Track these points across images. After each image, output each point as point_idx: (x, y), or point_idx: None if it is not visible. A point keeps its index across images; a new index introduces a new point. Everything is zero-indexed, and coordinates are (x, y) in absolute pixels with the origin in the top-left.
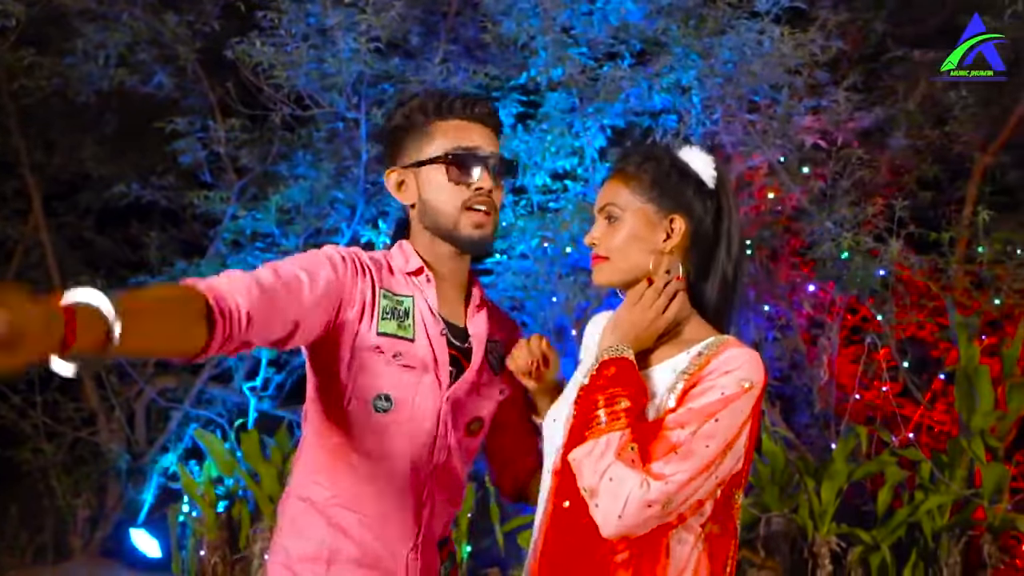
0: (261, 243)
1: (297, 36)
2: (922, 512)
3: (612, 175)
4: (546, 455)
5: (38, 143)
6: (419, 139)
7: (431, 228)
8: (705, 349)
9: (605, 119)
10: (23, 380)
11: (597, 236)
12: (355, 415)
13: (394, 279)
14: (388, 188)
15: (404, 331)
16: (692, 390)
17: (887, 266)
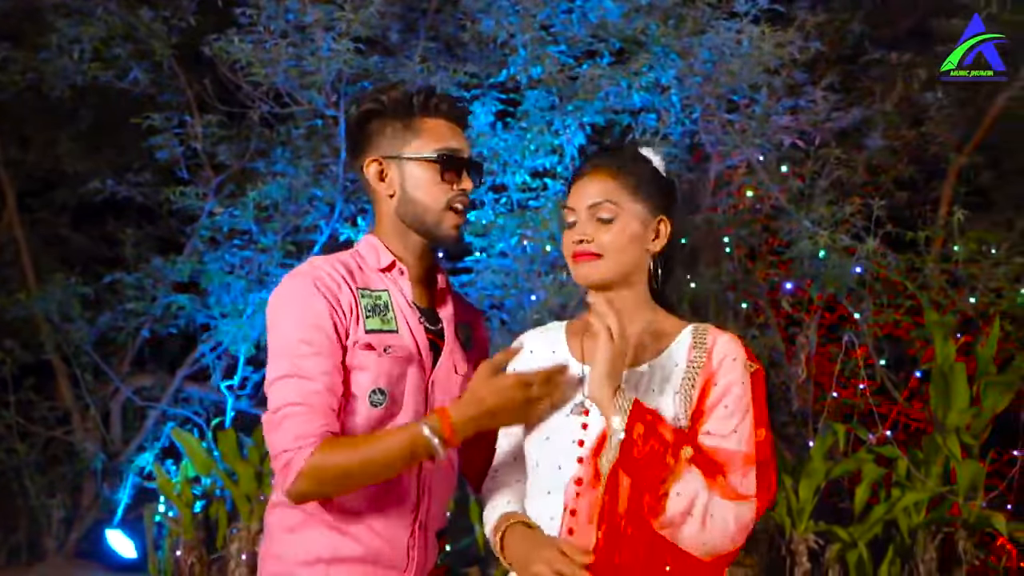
0: (239, 240)
1: (276, 33)
2: (899, 509)
3: (598, 172)
4: (543, 476)
5: (12, 139)
6: (403, 132)
7: (410, 222)
8: (695, 339)
9: (584, 117)
10: None
11: (590, 233)
12: (353, 414)
13: (368, 276)
14: (366, 176)
15: (387, 324)
16: (712, 388)
17: (864, 264)
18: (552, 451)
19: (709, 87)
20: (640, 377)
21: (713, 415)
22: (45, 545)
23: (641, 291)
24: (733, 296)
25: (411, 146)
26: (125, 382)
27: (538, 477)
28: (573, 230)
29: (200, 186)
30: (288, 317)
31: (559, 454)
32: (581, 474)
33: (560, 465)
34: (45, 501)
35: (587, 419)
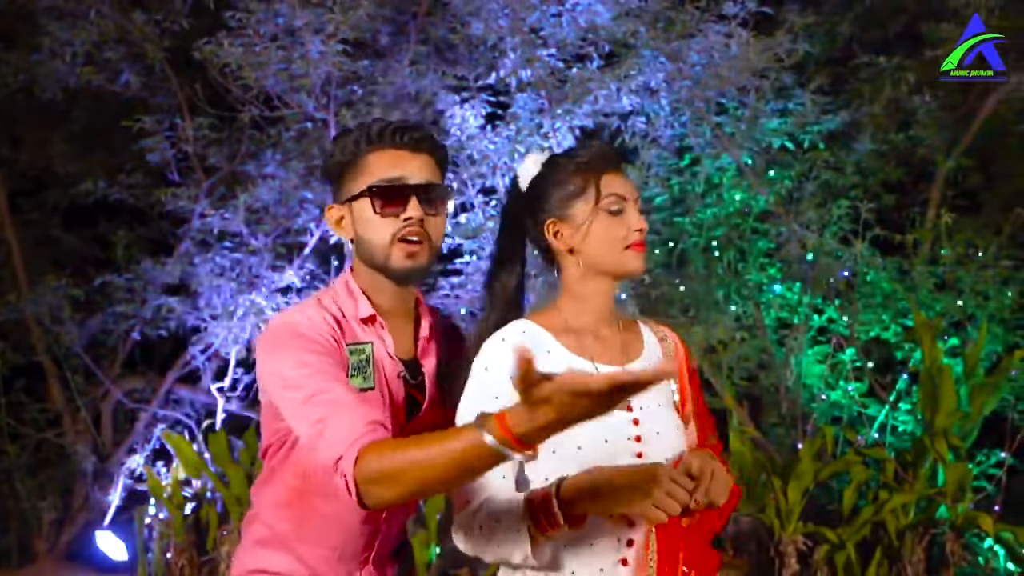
0: (229, 242)
1: (266, 37)
2: (886, 511)
3: (621, 167)
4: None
5: (4, 139)
6: (353, 172)
7: (367, 262)
8: (656, 333)
9: (574, 120)
10: None
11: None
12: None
13: (352, 327)
14: (328, 225)
15: (367, 382)
16: (686, 380)
17: (851, 267)
18: (611, 452)
19: (698, 90)
20: (644, 369)
21: (693, 396)
22: (36, 547)
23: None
24: (722, 298)
25: (352, 185)
26: (116, 384)
27: None
28: (628, 216)
29: (191, 188)
30: (291, 341)
31: (619, 454)
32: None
33: (621, 464)
34: (36, 503)
35: (634, 414)
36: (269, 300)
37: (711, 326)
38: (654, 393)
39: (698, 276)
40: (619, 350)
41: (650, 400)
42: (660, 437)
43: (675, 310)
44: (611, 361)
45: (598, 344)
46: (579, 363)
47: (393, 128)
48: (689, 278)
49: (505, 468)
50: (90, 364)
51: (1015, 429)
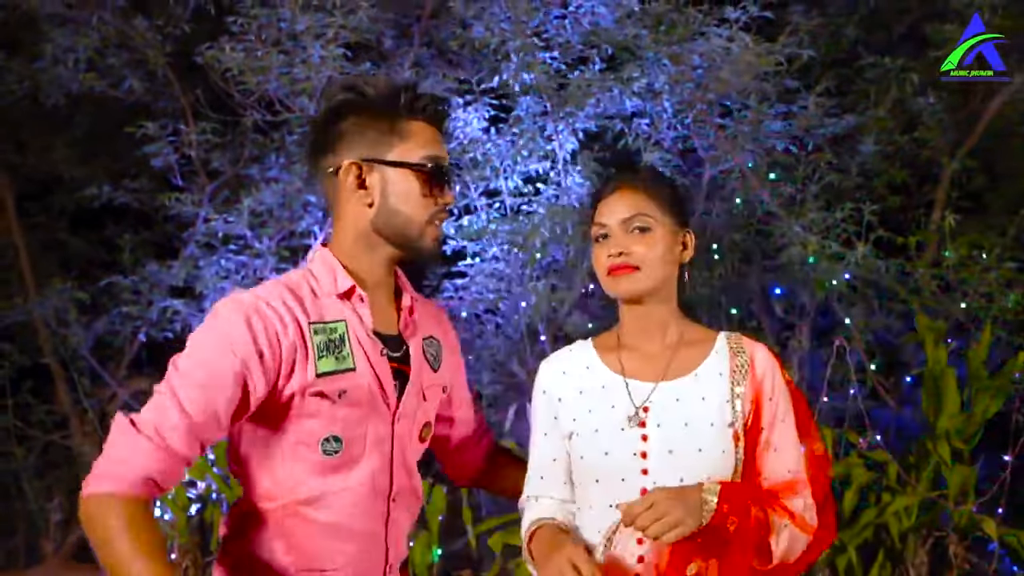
0: (234, 245)
1: (267, 41)
2: (888, 514)
3: (626, 189)
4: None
5: (10, 145)
6: (387, 134)
7: (388, 234)
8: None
9: (577, 123)
10: None
11: (627, 245)
12: (303, 465)
13: (322, 303)
14: (339, 180)
15: (343, 362)
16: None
17: (853, 270)
18: (614, 466)
19: (700, 93)
20: (689, 386)
21: (774, 430)
22: (42, 548)
23: (672, 303)
24: (725, 300)
25: (396, 151)
26: (122, 386)
27: (601, 493)
28: (607, 244)
29: (195, 193)
30: (206, 338)
31: (622, 469)
32: (647, 485)
33: (624, 478)
34: (43, 505)
35: (646, 430)
36: None
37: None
38: (687, 408)
39: (701, 278)
40: (664, 366)
41: (674, 416)
42: (673, 456)
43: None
44: (649, 378)
45: (640, 361)
46: (612, 378)
47: (436, 101)
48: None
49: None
50: (96, 366)
51: (1019, 432)
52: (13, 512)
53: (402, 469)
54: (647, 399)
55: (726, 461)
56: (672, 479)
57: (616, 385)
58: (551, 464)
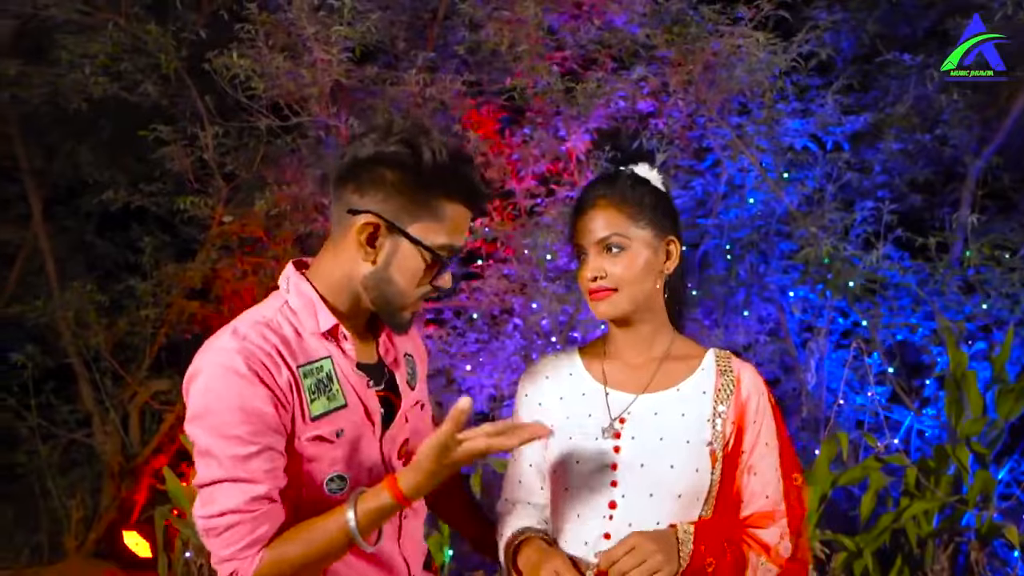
0: (251, 248)
1: (276, 47)
2: (907, 518)
3: (599, 205)
4: (575, 500)
5: (38, 150)
6: (420, 207)
7: (373, 295)
8: (719, 365)
9: (590, 123)
10: (18, 383)
11: (603, 268)
12: (308, 503)
13: (306, 344)
14: (350, 230)
15: (335, 400)
16: (750, 423)
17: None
18: (583, 475)
19: (715, 92)
20: (670, 400)
21: (755, 453)
22: (65, 544)
23: (660, 315)
24: (743, 300)
25: (420, 225)
26: (143, 386)
27: (570, 501)
28: (584, 267)
29: (211, 195)
30: (221, 406)
31: (591, 478)
32: (615, 497)
33: (593, 488)
34: (65, 502)
35: (619, 442)
36: None
37: (732, 328)
38: (665, 422)
39: (719, 278)
40: (647, 379)
41: (650, 429)
42: (644, 470)
43: (695, 312)
44: (631, 389)
45: (624, 371)
46: (593, 386)
47: (481, 192)
48: (710, 280)
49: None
50: (116, 367)
51: None
52: (37, 509)
53: None
54: (625, 410)
55: (699, 480)
56: (641, 493)
57: (596, 394)
58: (528, 469)
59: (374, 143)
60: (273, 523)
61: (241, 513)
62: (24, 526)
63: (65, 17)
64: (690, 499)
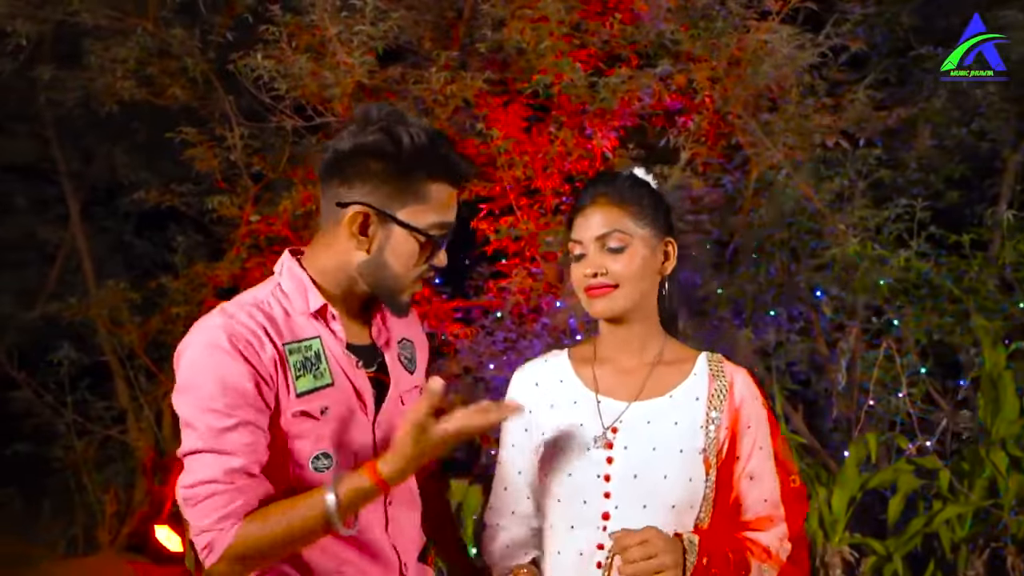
0: (279, 246)
1: (299, 48)
2: (939, 522)
3: (600, 202)
4: (567, 512)
5: (75, 152)
6: (405, 192)
7: (369, 281)
8: (712, 370)
9: (616, 120)
10: (55, 380)
11: (603, 264)
12: (295, 480)
13: (293, 323)
14: (344, 217)
15: (321, 378)
16: (745, 429)
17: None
18: (576, 487)
19: (742, 88)
20: (663, 408)
21: (752, 459)
22: (99, 538)
23: (653, 317)
24: (772, 298)
25: (408, 210)
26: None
27: (562, 512)
28: (583, 263)
29: (238, 195)
30: (202, 380)
31: (584, 490)
32: (609, 508)
33: (585, 500)
34: (100, 496)
35: (611, 452)
36: None
37: (761, 328)
38: (657, 431)
39: (748, 276)
40: (639, 385)
41: (643, 439)
42: (637, 481)
43: (726, 311)
44: (623, 397)
45: (616, 377)
46: (584, 393)
47: (463, 165)
48: (739, 279)
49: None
50: (149, 364)
51: None
52: (73, 503)
53: None
54: (617, 419)
55: (693, 489)
56: (634, 504)
57: (588, 402)
58: (516, 477)
59: (353, 135)
60: (249, 497)
61: (217, 483)
62: (61, 519)
63: (95, 22)
64: (684, 508)
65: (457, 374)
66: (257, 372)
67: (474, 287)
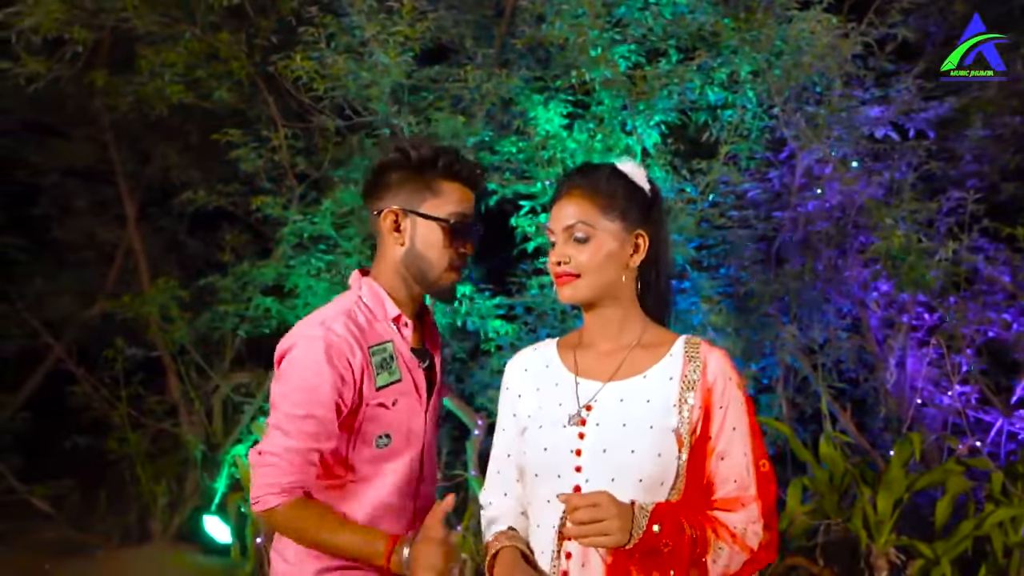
0: (323, 245)
1: (339, 48)
2: (990, 525)
3: (573, 194)
4: (544, 486)
5: (131, 155)
6: (423, 190)
7: (412, 273)
8: (687, 352)
9: (658, 115)
10: (110, 375)
11: (568, 253)
12: (360, 456)
13: (375, 329)
14: (380, 225)
15: (393, 375)
16: (716, 409)
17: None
18: (551, 462)
19: (784, 81)
20: (636, 387)
21: (722, 437)
22: (152, 528)
23: (629, 305)
24: (818, 294)
25: (428, 204)
26: (225, 379)
27: (539, 487)
28: (552, 251)
29: (283, 195)
30: (295, 376)
31: (558, 465)
32: (580, 482)
33: (560, 474)
34: (152, 488)
35: (583, 428)
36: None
37: (808, 324)
38: (629, 409)
39: (795, 273)
40: (616, 366)
41: (614, 416)
42: (606, 456)
43: (766, 306)
44: (599, 377)
45: (594, 359)
46: (565, 376)
47: (470, 166)
48: (786, 275)
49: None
50: (199, 360)
51: None
52: (127, 494)
53: (429, 456)
54: (592, 398)
55: (663, 465)
56: (604, 477)
57: (567, 383)
58: (506, 460)
59: (377, 160)
60: (300, 477)
61: (277, 456)
62: (115, 510)
63: (146, 28)
64: (653, 483)
65: (496, 370)
66: (342, 378)
67: (516, 284)
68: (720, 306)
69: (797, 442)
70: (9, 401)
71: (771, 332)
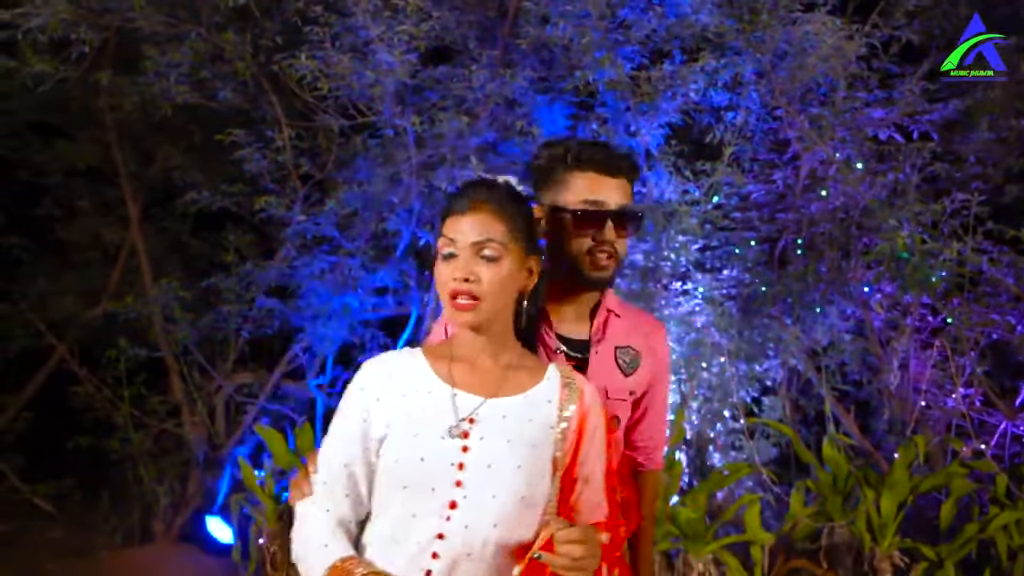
0: (327, 245)
1: (343, 48)
2: (995, 528)
3: (483, 209)
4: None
5: (134, 155)
6: (555, 185)
7: (556, 263)
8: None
9: (661, 117)
10: (112, 375)
11: (474, 271)
12: None
13: None
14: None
15: None
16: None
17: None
18: (427, 473)
19: (788, 83)
20: (518, 405)
21: (588, 464)
22: (154, 528)
23: (508, 328)
24: (821, 296)
25: (560, 198)
26: (227, 379)
27: (406, 500)
28: (453, 264)
29: (286, 195)
30: None
31: (435, 476)
32: (457, 497)
33: (434, 487)
34: (155, 488)
35: (467, 442)
36: (365, 302)
37: (811, 326)
38: (513, 426)
39: (798, 274)
40: (496, 384)
41: (498, 432)
42: (491, 471)
43: (774, 309)
44: (479, 392)
45: (472, 375)
46: (439, 386)
47: (596, 153)
48: (789, 277)
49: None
50: (202, 361)
51: None
52: (129, 494)
53: None
54: (474, 412)
55: (542, 484)
56: (485, 494)
57: (443, 394)
58: (340, 470)
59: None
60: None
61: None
62: (118, 510)
63: (152, 29)
64: (532, 501)
65: None
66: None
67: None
68: (723, 308)
69: (800, 444)
70: (12, 401)
71: (774, 334)
